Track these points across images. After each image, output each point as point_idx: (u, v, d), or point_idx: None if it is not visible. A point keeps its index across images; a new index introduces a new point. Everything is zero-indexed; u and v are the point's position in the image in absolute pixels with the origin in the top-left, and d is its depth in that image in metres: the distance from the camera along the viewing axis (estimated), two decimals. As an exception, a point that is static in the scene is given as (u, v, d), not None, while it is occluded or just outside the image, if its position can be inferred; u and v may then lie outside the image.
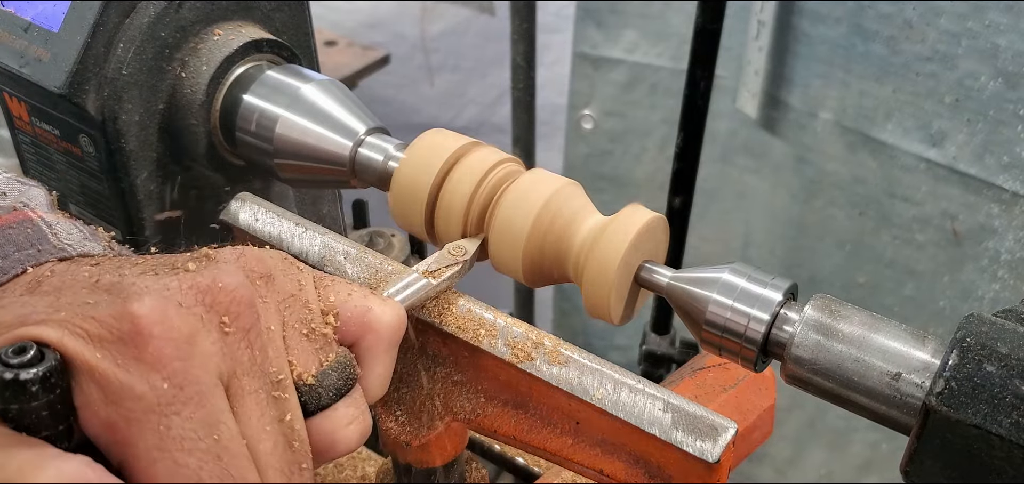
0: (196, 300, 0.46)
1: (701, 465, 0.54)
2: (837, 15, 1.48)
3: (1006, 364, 0.49)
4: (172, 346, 0.44)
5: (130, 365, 0.43)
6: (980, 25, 1.30)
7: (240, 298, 0.47)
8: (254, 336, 0.48)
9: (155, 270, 0.48)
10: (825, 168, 1.59)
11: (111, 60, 0.75)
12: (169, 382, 0.43)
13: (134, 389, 0.43)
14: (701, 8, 1.37)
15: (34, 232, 0.54)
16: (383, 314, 0.54)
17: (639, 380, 0.57)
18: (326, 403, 0.50)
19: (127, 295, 0.45)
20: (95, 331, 0.44)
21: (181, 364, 0.44)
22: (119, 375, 0.43)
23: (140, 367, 0.43)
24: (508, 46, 1.75)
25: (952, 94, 1.37)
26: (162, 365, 0.43)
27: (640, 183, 1.90)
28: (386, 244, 1.03)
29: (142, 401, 0.43)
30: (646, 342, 1.64)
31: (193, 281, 0.47)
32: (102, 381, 0.43)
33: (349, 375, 0.51)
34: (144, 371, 0.43)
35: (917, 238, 1.51)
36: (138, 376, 0.43)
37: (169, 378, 0.43)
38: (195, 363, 0.44)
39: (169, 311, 0.44)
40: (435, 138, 0.70)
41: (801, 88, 1.57)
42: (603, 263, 0.62)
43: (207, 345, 0.45)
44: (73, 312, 0.44)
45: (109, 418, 0.43)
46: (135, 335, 0.43)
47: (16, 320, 0.44)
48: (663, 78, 1.77)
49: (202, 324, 0.46)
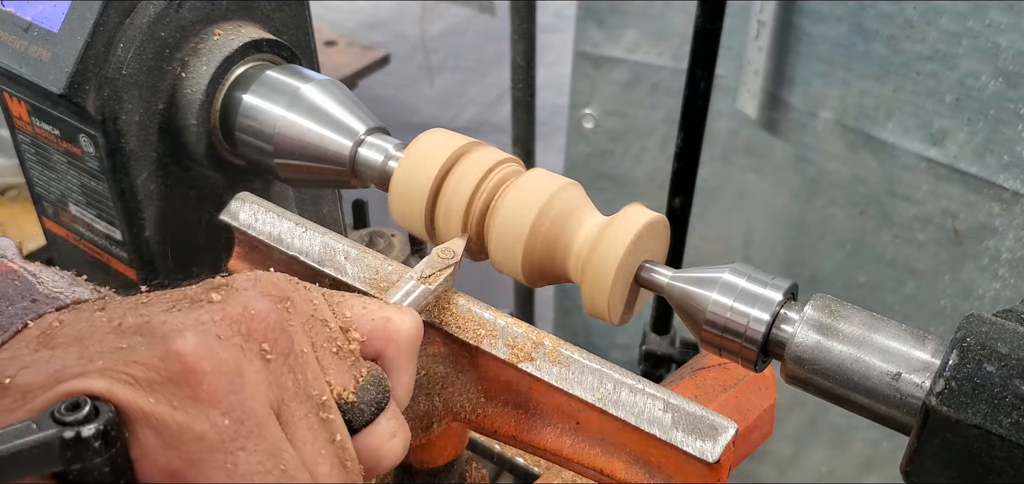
0: (233, 330, 0.45)
1: (701, 465, 0.54)
2: (838, 14, 1.48)
3: (1006, 364, 0.49)
4: (225, 380, 0.43)
5: (186, 405, 0.42)
6: (981, 24, 1.30)
7: (273, 323, 0.47)
8: (293, 360, 0.47)
9: (176, 306, 0.47)
10: (826, 167, 1.59)
11: (111, 60, 0.75)
12: (229, 418, 0.42)
13: (194, 429, 0.42)
14: (701, 8, 1.36)
15: (22, 284, 0.52)
16: (402, 323, 0.53)
17: (639, 380, 0.57)
18: (368, 419, 0.50)
19: (165, 334, 0.43)
20: (143, 376, 0.42)
21: (236, 398, 0.43)
22: (177, 417, 0.42)
23: (197, 406, 0.42)
24: (508, 46, 1.75)
25: (953, 93, 1.37)
26: (218, 400, 0.42)
27: (641, 183, 1.90)
28: (386, 244, 1.03)
29: (204, 441, 0.42)
30: (646, 342, 1.64)
31: (224, 312, 0.46)
32: (159, 426, 0.41)
33: (385, 388, 0.51)
34: (202, 409, 0.42)
35: (918, 237, 1.51)
36: (196, 415, 0.42)
37: (228, 413, 0.42)
38: (247, 395, 0.43)
39: (214, 345, 0.43)
40: (435, 138, 0.70)
41: (802, 87, 1.57)
42: (603, 263, 0.62)
43: (253, 375, 0.44)
44: (111, 360, 0.43)
45: (170, 464, 0.42)
46: (186, 374, 0.42)
47: (51, 377, 0.42)
48: (664, 78, 1.77)
49: (244, 354, 0.45)
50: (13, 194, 1.44)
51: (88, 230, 0.87)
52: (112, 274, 0.88)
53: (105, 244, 0.86)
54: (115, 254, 0.86)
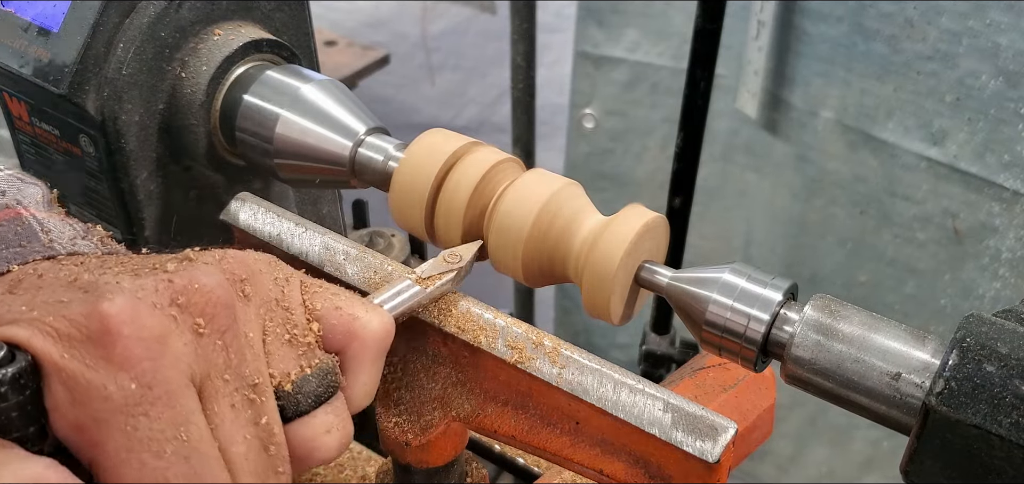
0: (170, 300, 0.45)
1: (701, 465, 0.54)
2: (838, 14, 1.48)
3: (1006, 364, 0.49)
4: (141, 346, 0.43)
5: (98, 365, 0.43)
6: (981, 24, 1.30)
7: (217, 299, 0.47)
8: (230, 338, 0.47)
9: (137, 271, 0.48)
10: (826, 167, 1.59)
11: (111, 60, 0.75)
12: (137, 382, 0.43)
13: (101, 389, 0.42)
14: (700, 8, 1.36)
15: (24, 230, 0.53)
16: (369, 322, 0.53)
17: (639, 380, 0.57)
18: (305, 409, 0.50)
19: (99, 294, 0.44)
20: (65, 330, 0.43)
21: (150, 363, 0.43)
22: (86, 375, 0.42)
23: (108, 367, 0.43)
24: (508, 45, 1.75)
25: (953, 93, 1.37)
26: (131, 365, 0.43)
27: (641, 182, 1.90)
28: (386, 244, 1.03)
29: (109, 401, 0.42)
30: (646, 342, 1.64)
31: (168, 281, 0.46)
32: (70, 381, 0.42)
33: (330, 382, 0.51)
34: (112, 371, 0.43)
35: (918, 237, 1.51)
36: (106, 375, 0.42)
37: (137, 378, 0.43)
38: (165, 363, 0.44)
39: (140, 310, 0.44)
40: (435, 138, 0.70)
41: (802, 87, 1.57)
42: (603, 263, 0.62)
43: (179, 346, 0.45)
44: (45, 311, 0.44)
45: (77, 419, 0.42)
46: (104, 334, 0.43)
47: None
48: (664, 77, 1.77)
49: (175, 324, 0.45)
50: (13, 194, 1.44)
51: (88, 230, 0.87)
52: (112, 274, 0.88)
53: (105, 244, 0.86)
54: (115, 254, 0.86)
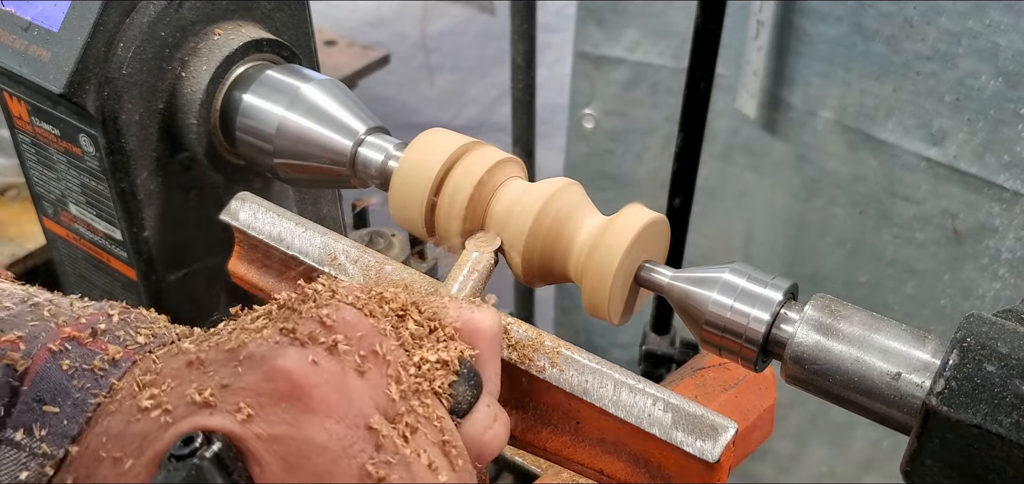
0: (332, 342, 0.45)
1: (701, 465, 0.54)
2: (838, 14, 1.48)
3: (1006, 364, 0.49)
4: (334, 389, 0.43)
5: (301, 421, 0.41)
6: (981, 24, 1.30)
7: (363, 329, 0.47)
8: (389, 361, 0.47)
9: (262, 327, 0.47)
10: (826, 167, 1.59)
11: (111, 60, 0.75)
12: (343, 423, 0.42)
13: (314, 442, 0.41)
14: (700, 8, 1.36)
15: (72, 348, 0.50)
16: (485, 320, 0.54)
17: (639, 380, 0.57)
18: (465, 410, 0.51)
19: (263, 355, 0.43)
20: (252, 401, 0.42)
21: (347, 404, 0.43)
22: (294, 434, 0.41)
23: (313, 419, 0.42)
24: (508, 45, 1.75)
25: (952, 93, 1.37)
26: (331, 409, 0.42)
27: (642, 182, 1.90)
28: (386, 244, 1.03)
29: (327, 452, 0.41)
30: (646, 342, 1.64)
31: (312, 325, 0.46)
32: (279, 448, 0.41)
33: (477, 380, 0.52)
34: (318, 420, 0.42)
35: (918, 237, 1.51)
36: (314, 428, 0.41)
37: (343, 419, 0.42)
38: (357, 398, 0.44)
39: (316, 356, 0.43)
40: (435, 138, 0.70)
41: (802, 87, 1.57)
42: (603, 263, 0.62)
43: (356, 380, 0.45)
44: (213, 394, 0.43)
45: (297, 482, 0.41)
46: (295, 390, 0.42)
47: (157, 426, 0.42)
48: (664, 77, 1.77)
49: (343, 362, 0.45)
50: (13, 194, 1.44)
51: (88, 230, 0.87)
52: (112, 274, 0.88)
53: (105, 244, 0.86)
54: (115, 254, 0.86)
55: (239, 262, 0.74)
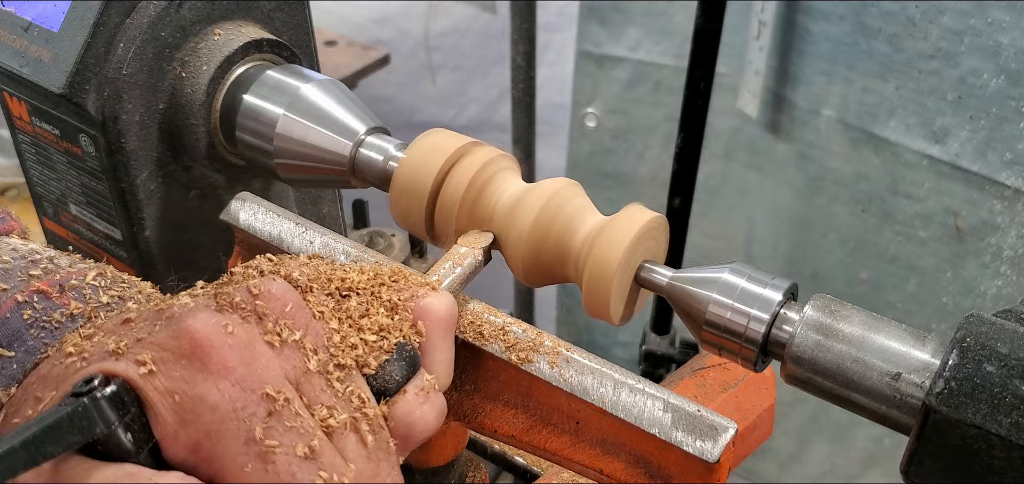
0: (247, 309, 0.47)
1: (701, 465, 0.54)
2: (840, 12, 1.48)
3: (1006, 364, 0.48)
4: (234, 352, 0.44)
5: (197, 379, 0.43)
6: (982, 23, 1.30)
7: (289, 301, 0.49)
8: (311, 335, 0.49)
9: (207, 293, 0.50)
10: (828, 165, 1.59)
11: (111, 60, 0.75)
12: (239, 386, 0.44)
13: (207, 400, 0.43)
14: (700, 8, 1.36)
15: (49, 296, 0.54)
16: (432, 302, 0.55)
17: (639, 380, 0.57)
18: (393, 388, 0.51)
19: (179, 315, 0.46)
20: (158, 356, 0.44)
21: (247, 369, 0.44)
22: (189, 391, 0.43)
23: (208, 377, 0.44)
24: (509, 45, 1.75)
25: (955, 91, 1.37)
26: (228, 371, 0.44)
27: (643, 181, 1.90)
28: (386, 244, 1.03)
29: (217, 410, 0.43)
30: (646, 342, 1.64)
31: (239, 292, 0.48)
32: (174, 401, 0.43)
33: (412, 359, 0.53)
34: (213, 380, 0.43)
35: (920, 235, 1.51)
36: (208, 387, 0.43)
37: (239, 382, 0.44)
38: (260, 364, 0.45)
39: (225, 320, 0.45)
40: (435, 138, 0.70)
41: (804, 85, 1.57)
42: (603, 263, 0.62)
43: (266, 349, 0.46)
44: (134, 346, 0.45)
45: (190, 438, 0.43)
46: (196, 349, 0.44)
47: (76, 367, 0.45)
48: (666, 76, 1.77)
49: (258, 330, 0.47)
50: (13, 194, 1.45)
51: (88, 230, 0.87)
52: (113, 274, 0.88)
53: (105, 244, 0.86)
54: (115, 254, 0.86)
55: (239, 262, 0.74)
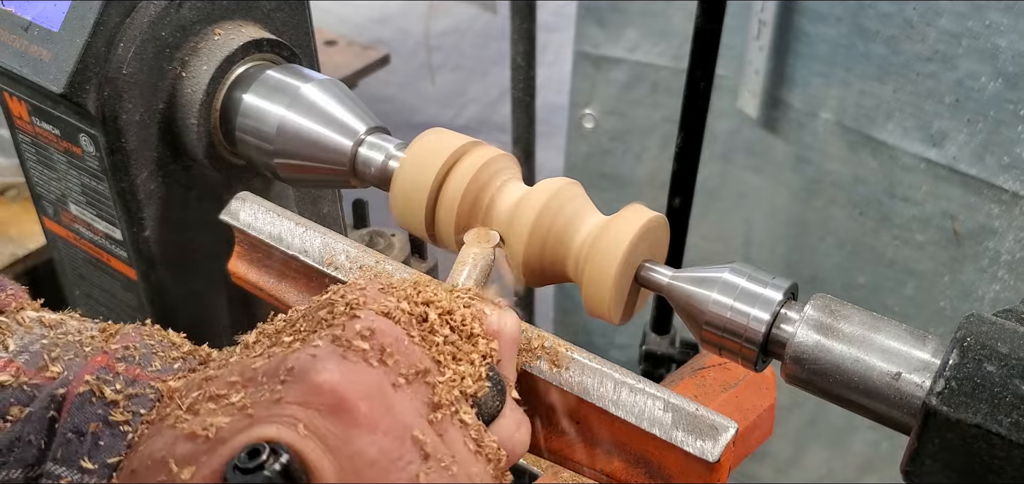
0: (370, 351, 0.45)
1: (701, 465, 0.54)
2: (838, 15, 1.48)
3: (1006, 364, 0.49)
4: (377, 402, 0.43)
5: (350, 434, 0.42)
6: (980, 25, 1.30)
7: (396, 337, 0.47)
8: (421, 368, 0.47)
9: (304, 336, 0.47)
10: (826, 168, 1.59)
11: (111, 60, 0.75)
12: (390, 436, 0.43)
13: (366, 455, 0.42)
14: (700, 8, 1.36)
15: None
16: (505, 323, 0.54)
17: (639, 380, 0.57)
18: (494, 414, 0.51)
19: (308, 369, 0.43)
20: (302, 416, 0.42)
21: (391, 417, 0.44)
22: (345, 449, 0.42)
23: (360, 432, 0.42)
24: (508, 45, 1.75)
25: (952, 94, 1.37)
26: (377, 422, 0.43)
27: (641, 182, 1.90)
28: (386, 244, 1.03)
29: (376, 464, 0.42)
30: (646, 342, 1.64)
31: (348, 334, 0.46)
32: (334, 460, 0.41)
33: (502, 385, 0.52)
34: (365, 434, 0.42)
35: (917, 238, 1.51)
36: (363, 442, 0.42)
37: (389, 432, 0.43)
38: (400, 409, 0.44)
39: (357, 370, 0.44)
40: (435, 137, 0.70)
41: (802, 88, 1.57)
42: (603, 263, 0.62)
43: (395, 391, 0.45)
44: (262, 409, 0.43)
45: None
46: (341, 403, 0.42)
47: (213, 441, 0.42)
48: (664, 77, 1.77)
49: (385, 372, 0.45)
50: (13, 194, 1.44)
51: (88, 230, 0.87)
52: (112, 274, 0.88)
53: (105, 244, 0.86)
54: (115, 254, 0.86)
55: (239, 262, 0.74)
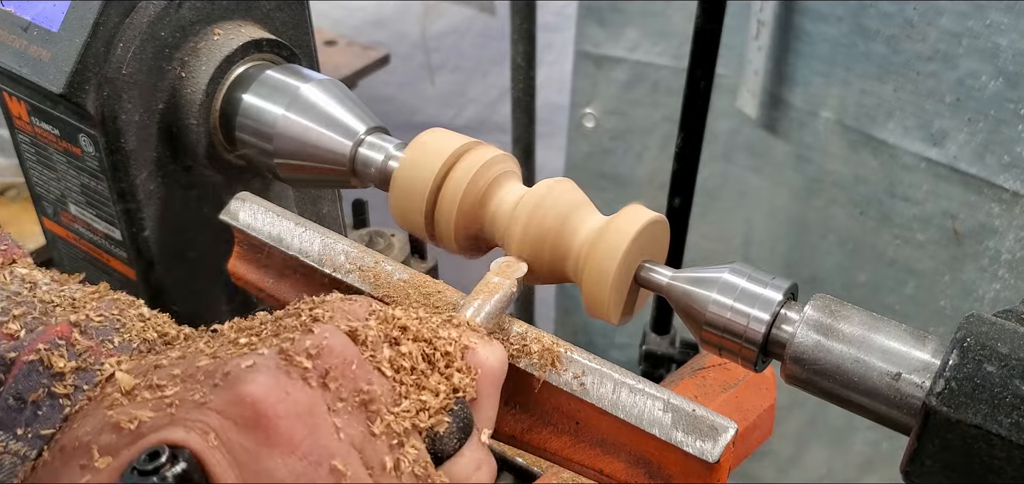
0: (309, 369, 0.44)
1: (701, 465, 0.54)
2: (838, 14, 1.48)
3: (1006, 364, 0.49)
4: (299, 423, 0.42)
5: (262, 453, 0.41)
6: (981, 24, 1.30)
7: (346, 359, 0.45)
8: (367, 395, 0.46)
9: (252, 343, 0.46)
10: (826, 167, 1.59)
11: (111, 60, 0.75)
12: (305, 460, 0.41)
13: (274, 475, 0.40)
14: (701, 8, 1.36)
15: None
16: (488, 358, 0.52)
17: (639, 380, 0.57)
18: (449, 452, 0.48)
19: (236, 377, 0.42)
20: (217, 423, 0.41)
21: (312, 440, 0.42)
22: (253, 466, 0.40)
23: (273, 451, 0.41)
24: (508, 45, 1.75)
25: (953, 93, 1.37)
26: (294, 445, 0.41)
27: (641, 182, 1.90)
28: (386, 244, 1.03)
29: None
30: (646, 342, 1.64)
31: (294, 348, 0.44)
32: (240, 473, 0.40)
33: (467, 421, 0.50)
34: (278, 455, 0.41)
35: (918, 237, 1.51)
36: (274, 462, 0.41)
37: (305, 456, 0.41)
38: (323, 433, 0.42)
39: (286, 386, 0.42)
40: (435, 137, 0.70)
41: (802, 87, 1.57)
42: (603, 263, 0.62)
43: (326, 414, 0.43)
44: (189, 409, 0.41)
45: None
46: (258, 419, 0.41)
47: (131, 435, 0.41)
48: (665, 77, 1.77)
49: (321, 393, 0.43)
50: (13, 194, 1.44)
51: (88, 230, 0.87)
52: (112, 274, 0.88)
53: (105, 244, 0.86)
54: (115, 254, 0.86)
55: (239, 262, 0.74)
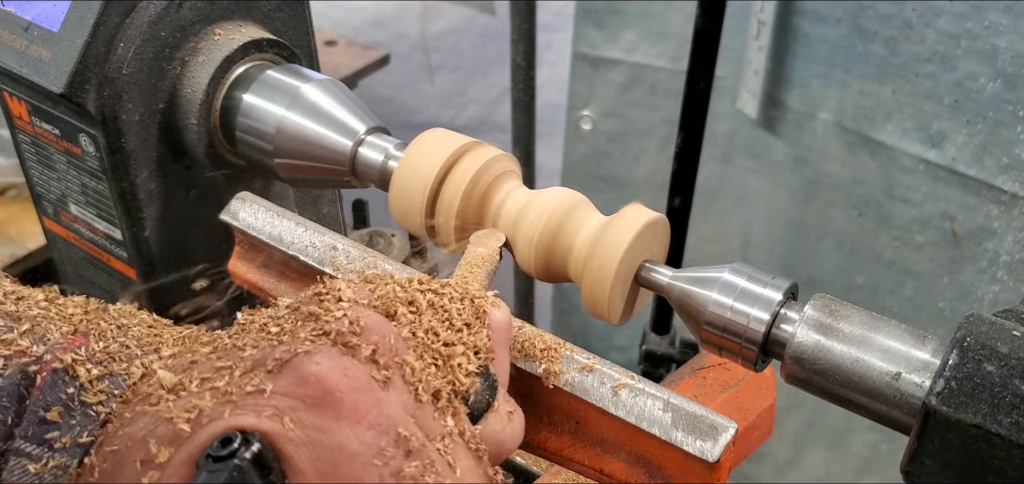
0: (355, 347, 0.45)
1: (701, 465, 0.54)
2: (837, 15, 1.48)
3: (1006, 364, 0.49)
4: (363, 395, 0.43)
5: (331, 427, 0.42)
6: (979, 26, 1.30)
7: (385, 333, 0.47)
8: (410, 365, 0.47)
9: (293, 330, 0.47)
10: (825, 168, 1.59)
11: (111, 60, 0.75)
12: (373, 429, 0.42)
13: (345, 448, 0.41)
14: (700, 8, 1.36)
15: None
16: (498, 316, 0.54)
17: (639, 380, 0.57)
18: (484, 408, 0.51)
19: (300, 361, 0.43)
20: (285, 405, 0.42)
21: (376, 410, 0.43)
22: (325, 440, 0.41)
23: (342, 425, 0.42)
24: (508, 45, 1.75)
25: (951, 95, 1.37)
26: (361, 415, 0.42)
27: (639, 184, 1.90)
28: (386, 244, 1.03)
29: (357, 458, 0.42)
30: (646, 342, 1.64)
31: (338, 328, 0.46)
32: (312, 451, 0.41)
33: (493, 378, 0.52)
34: (347, 427, 0.42)
35: (916, 239, 1.51)
36: (345, 435, 0.42)
37: (372, 426, 0.43)
38: (386, 404, 0.44)
39: (345, 363, 0.44)
40: (435, 137, 0.70)
41: (801, 88, 1.57)
42: (603, 262, 0.62)
43: (382, 388, 0.45)
44: (245, 397, 0.42)
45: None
46: (325, 396, 0.42)
47: (192, 424, 0.42)
48: (662, 78, 1.77)
49: (371, 369, 0.45)
50: (13, 194, 1.44)
51: (88, 230, 0.87)
52: (112, 274, 0.88)
53: (105, 244, 0.86)
54: (115, 254, 0.86)
55: (239, 262, 0.74)
